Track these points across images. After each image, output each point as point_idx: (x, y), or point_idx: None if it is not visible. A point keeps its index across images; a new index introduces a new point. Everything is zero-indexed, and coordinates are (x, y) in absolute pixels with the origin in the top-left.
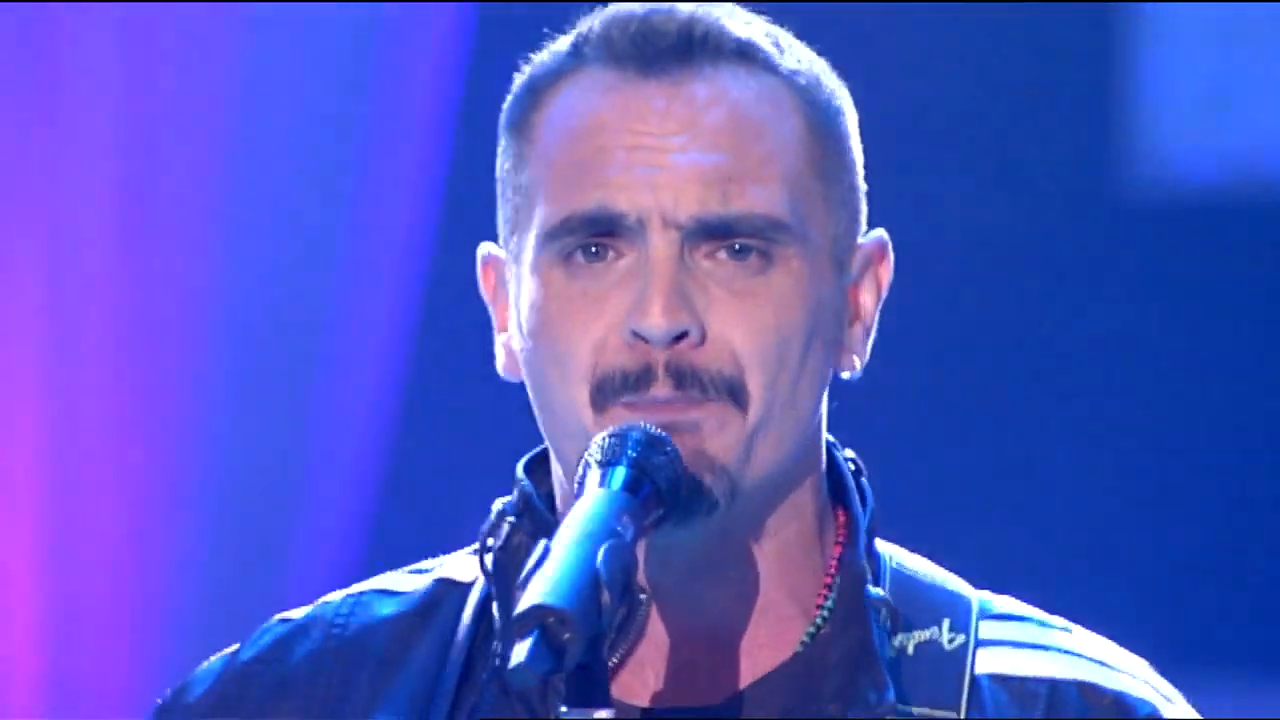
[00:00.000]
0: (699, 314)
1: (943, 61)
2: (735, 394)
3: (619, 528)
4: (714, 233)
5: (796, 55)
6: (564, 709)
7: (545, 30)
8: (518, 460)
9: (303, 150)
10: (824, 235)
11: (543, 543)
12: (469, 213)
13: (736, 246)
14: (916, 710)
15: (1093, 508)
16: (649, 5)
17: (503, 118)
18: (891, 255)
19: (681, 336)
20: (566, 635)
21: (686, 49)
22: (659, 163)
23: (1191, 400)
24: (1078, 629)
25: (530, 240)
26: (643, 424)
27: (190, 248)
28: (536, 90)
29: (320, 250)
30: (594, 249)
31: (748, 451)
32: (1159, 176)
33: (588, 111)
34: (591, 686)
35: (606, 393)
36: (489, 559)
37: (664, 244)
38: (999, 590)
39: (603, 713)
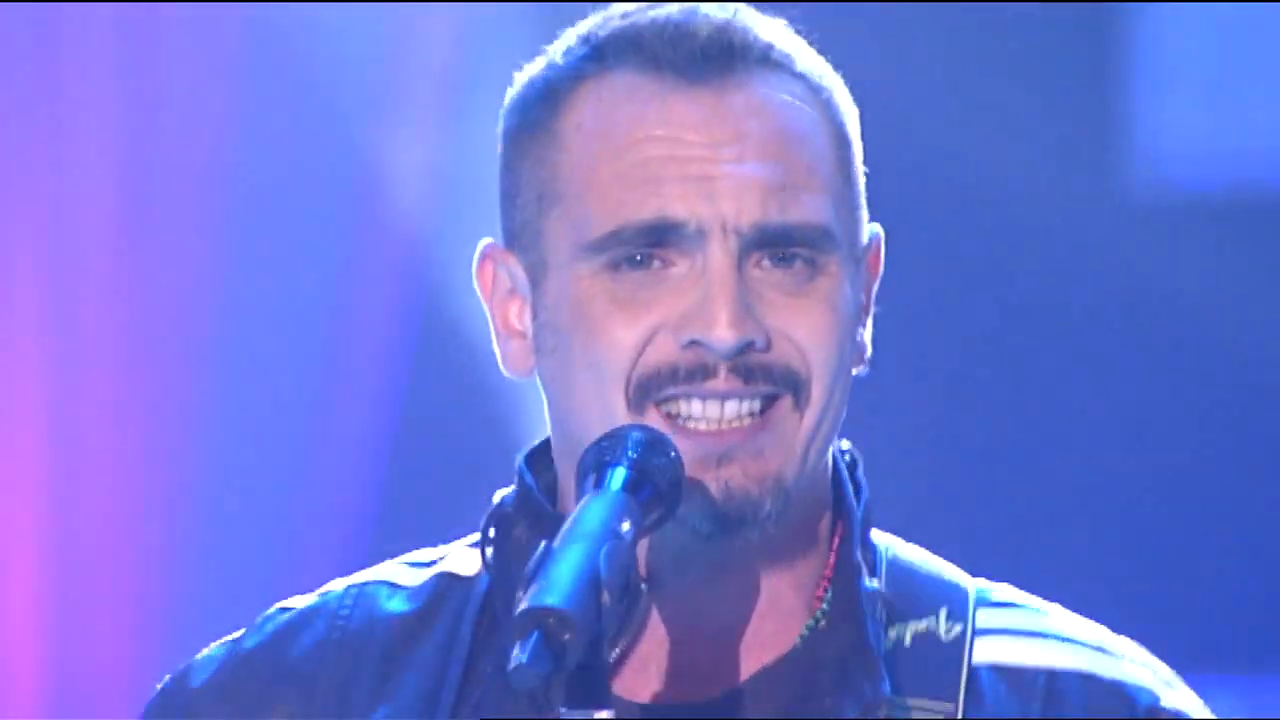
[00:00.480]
0: (761, 322)
1: (942, 62)
2: (797, 390)
3: (619, 529)
4: (771, 241)
5: (811, 58)
6: (564, 709)
7: (546, 33)
8: (516, 454)
9: (302, 150)
10: (853, 237)
11: (543, 543)
12: (469, 212)
13: (782, 255)
14: (914, 703)
15: (1092, 506)
16: (679, 9)
17: (512, 119)
18: (883, 250)
19: (747, 347)
20: (567, 636)
21: (725, 55)
22: (714, 172)
23: (1191, 399)
24: (1073, 615)
25: (566, 248)
26: (644, 425)
27: (190, 248)
28: (556, 95)
29: (319, 250)
30: (639, 257)
31: (803, 459)
32: (1158, 177)
33: (628, 119)
34: (592, 687)
35: (648, 389)
36: (490, 552)
37: (723, 253)
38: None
39: (603, 713)
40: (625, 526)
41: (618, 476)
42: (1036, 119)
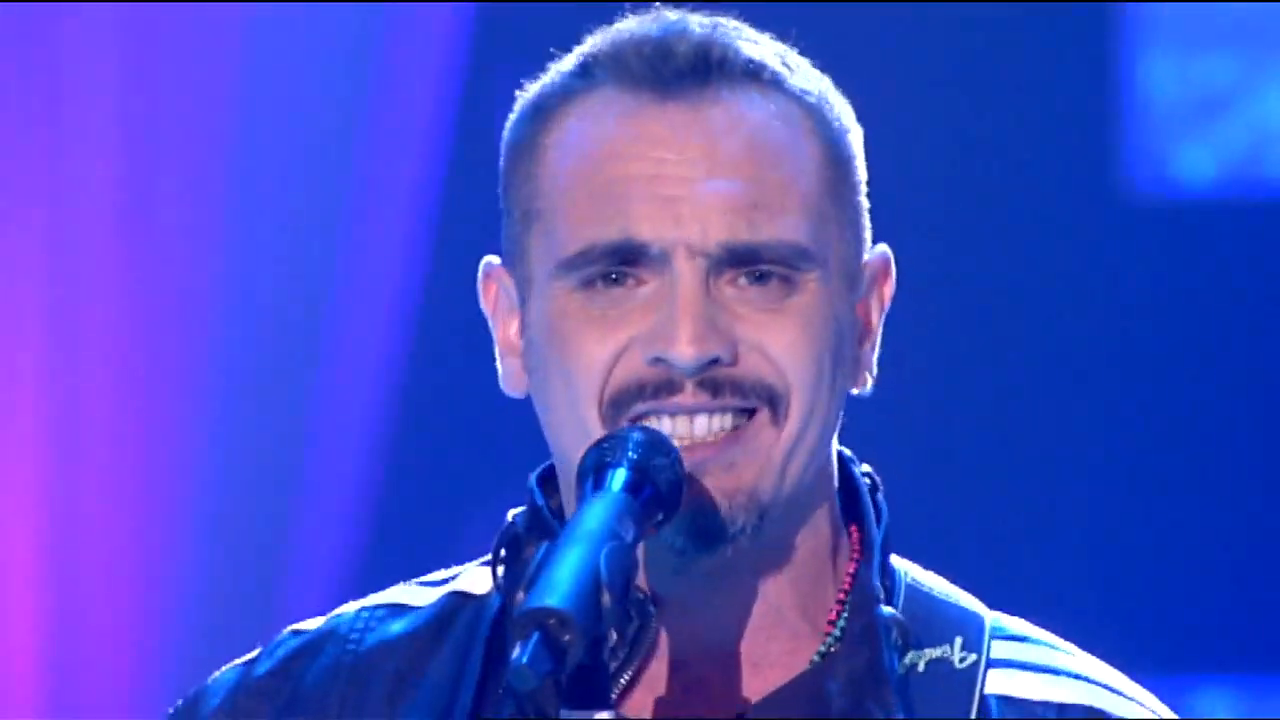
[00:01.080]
0: (728, 336)
1: (939, 63)
2: (774, 402)
3: (620, 530)
4: (740, 260)
5: (805, 75)
6: (564, 710)
7: (543, 32)
8: (514, 467)
9: (301, 151)
10: (839, 256)
11: (544, 544)
12: (467, 216)
13: (758, 273)
14: None
15: (1091, 509)
16: (664, 25)
17: (507, 135)
18: (894, 271)
19: (712, 363)
20: (567, 637)
21: (703, 72)
22: (681, 191)
23: (1190, 400)
24: (1088, 655)
25: (545, 265)
26: (644, 426)
27: (189, 249)
28: (544, 110)
29: (319, 251)
30: (613, 275)
31: (781, 474)
32: (1156, 178)
33: (603, 137)
34: (592, 688)
35: (619, 405)
36: (501, 571)
37: (690, 273)
38: (1005, 598)
39: (603, 714)
40: (626, 528)
41: (618, 478)
42: (1034, 121)
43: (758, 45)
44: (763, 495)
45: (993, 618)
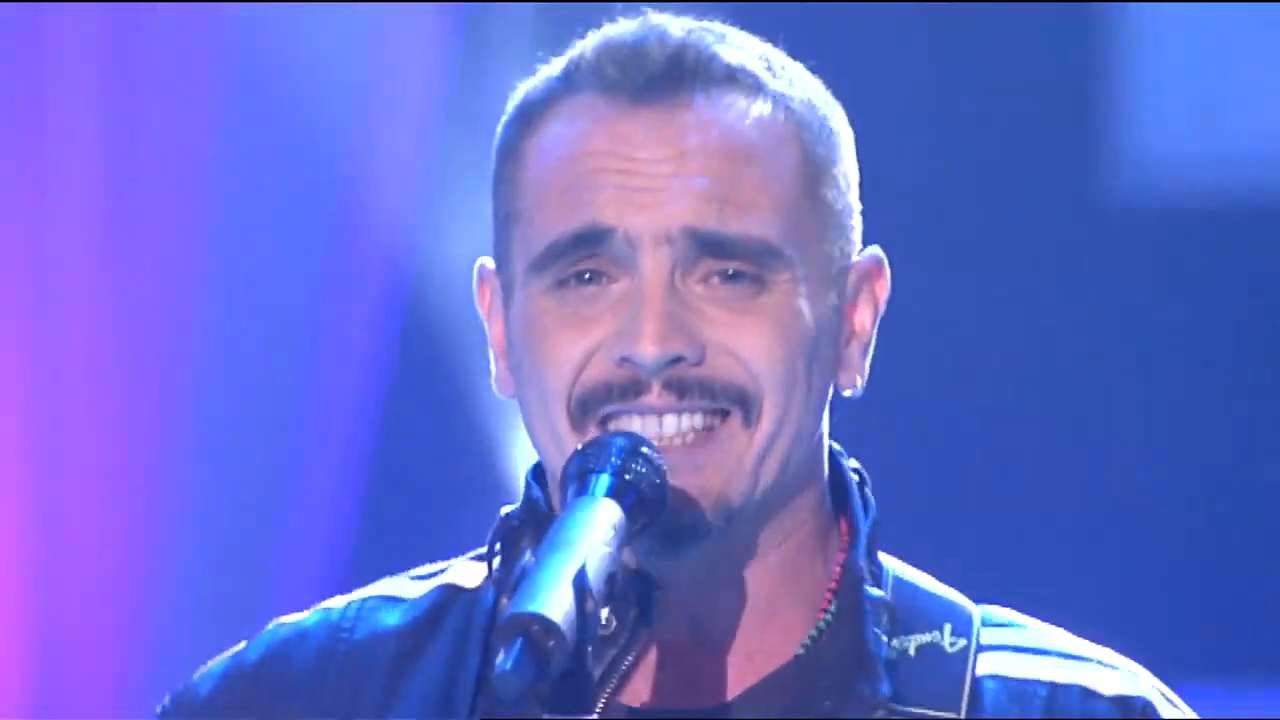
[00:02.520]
0: (695, 336)
1: (929, 65)
2: (746, 404)
3: (604, 535)
4: (707, 249)
5: (790, 78)
6: (548, 715)
7: (532, 33)
8: (502, 469)
9: (289, 152)
10: (817, 258)
11: (529, 553)
12: (456, 218)
13: (730, 272)
14: (915, 710)
15: (1081, 510)
16: (642, 30)
17: (496, 139)
18: (888, 272)
19: (676, 362)
20: (551, 643)
21: (677, 75)
22: (650, 184)
23: (1181, 402)
24: (1074, 636)
25: (522, 266)
26: (628, 430)
27: (176, 252)
28: (528, 116)
29: (304, 250)
30: (587, 275)
31: (753, 477)
32: (1145, 180)
33: (576, 138)
34: (576, 693)
35: (587, 407)
36: (496, 564)
37: (654, 264)
38: (996, 594)
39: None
40: (610, 533)
41: (602, 483)
42: (1023, 122)
43: (739, 50)
44: (732, 498)
45: (981, 608)
